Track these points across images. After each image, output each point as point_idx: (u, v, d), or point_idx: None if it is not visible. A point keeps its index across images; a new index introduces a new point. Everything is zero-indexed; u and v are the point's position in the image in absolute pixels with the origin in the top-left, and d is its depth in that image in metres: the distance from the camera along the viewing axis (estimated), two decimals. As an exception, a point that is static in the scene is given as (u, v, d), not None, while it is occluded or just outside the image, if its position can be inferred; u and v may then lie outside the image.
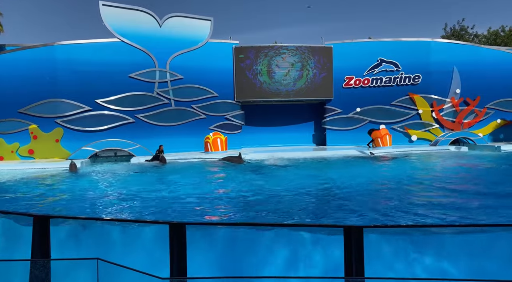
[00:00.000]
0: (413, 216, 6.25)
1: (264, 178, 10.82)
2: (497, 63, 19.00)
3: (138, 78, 16.82)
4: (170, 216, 6.38)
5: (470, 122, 19.44)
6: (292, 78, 18.43)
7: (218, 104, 18.04)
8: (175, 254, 3.03)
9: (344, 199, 7.85)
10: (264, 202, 7.41)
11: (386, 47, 18.82)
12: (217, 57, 17.82)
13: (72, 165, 13.00)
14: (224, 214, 6.50)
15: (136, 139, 16.43)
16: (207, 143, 16.64)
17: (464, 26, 32.32)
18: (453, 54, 18.88)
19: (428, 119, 19.25)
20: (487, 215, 6.31)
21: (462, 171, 12.27)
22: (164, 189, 9.02)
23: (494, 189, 8.65)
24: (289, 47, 18.36)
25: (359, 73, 18.87)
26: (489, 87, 19.06)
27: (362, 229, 3.36)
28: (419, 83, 18.95)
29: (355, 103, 19.01)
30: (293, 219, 6.06)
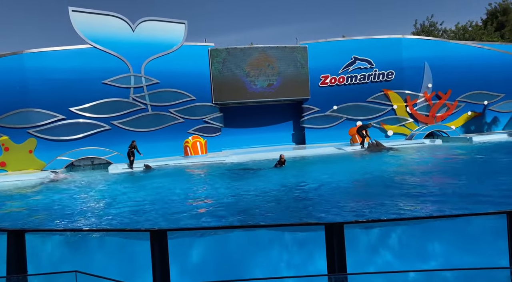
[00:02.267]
0: (395, 209, 6.40)
1: (247, 180, 10.82)
2: (465, 57, 19.67)
3: (113, 85, 16.52)
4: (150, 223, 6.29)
5: (443, 116, 20.04)
6: (269, 79, 18.51)
7: (196, 108, 17.91)
8: (157, 261, 3.00)
9: (327, 194, 7.95)
10: (248, 205, 7.41)
11: (360, 45, 19.16)
12: (193, 60, 17.70)
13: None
14: (207, 219, 6.46)
15: (113, 146, 16.11)
16: (187, 147, 16.50)
17: (434, 22, 33.29)
18: (424, 50, 19.42)
19: (403, 114, 19.72)
20: (468, 204, 6.52)
21: (438, 162, 12.63)
22: (145, 195, 8.89)
23: (472, 178, 8.95)
24: (265, 48, 18.44)
25: (335, 71, 19.15)
26: (459, 81, 19.70)
27: (342, 225, 3.42)
28: (392, 79, 19.39)
29: (331, 102, 19.27)
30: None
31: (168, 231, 3.07)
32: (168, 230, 3.08)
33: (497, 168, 10.46)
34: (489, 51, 20.12)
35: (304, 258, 3.63)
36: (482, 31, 30.97)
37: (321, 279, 3.11)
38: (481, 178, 9.02)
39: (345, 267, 3.21)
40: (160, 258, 3.05)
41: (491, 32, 30.91)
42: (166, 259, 3.01)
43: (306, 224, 4.19)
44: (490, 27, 31.53)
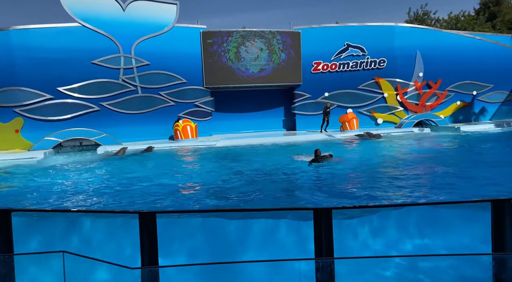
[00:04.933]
0: (382, 196, 6.50)
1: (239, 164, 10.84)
2: (457, 47, 19.74)
3: (102, 65, 16.21)
4: (139, 205, 6.29)
5: (432, 105, 20.22)
6: (261, 64, 18.36)
7: (187, 91, 17.73)
8: (145, 243, 3.00)
9: (320, 180, 8.03)
10: (239, 187, 7.44)
11: (353, 32, 19.06)
12: (184, 42, 17.42)
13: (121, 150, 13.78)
14: (197, 203, 6.49)
15: (102, 128, 15.92)
16: (177, 131, 16.41)
17: (427, 11, 33.22)
18: (416, 39, 19.42)
19: (393, 103, 19.84)
20: (451, 192, 6.65)
21: (426, 151, 12.81)
22: (134, 179, 8.86)
23: (457, 167, 9.11)
24: (258, 32, 18.22)
25: (327, 58, 19.07)
26: (450, 71, 19.82)
27: (330, 210, 3.46)
28: (384, 67, 19.42)
29: (323, 88, 19.25)
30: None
31: (157, 214, 3.07)
32: (157, 212, 3.08)
33: (482, 158, 10.65)
34: (480, 41, 20.22)
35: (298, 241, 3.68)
36: (474, 21, 31.05)
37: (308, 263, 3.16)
38: (466, 166, 9.18)
39: (332, 252, 3.27)
40: (149, 240, 3.05)
41: (483, 22, 31.01)
42: (154, 241, 3.02)
43: (295, 209, 4.23)
44: (482, 17, 31.61)
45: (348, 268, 3.19)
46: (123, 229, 3.46)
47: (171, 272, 3.03)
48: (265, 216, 3.74)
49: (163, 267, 2.81)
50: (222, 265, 2.90)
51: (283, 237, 3.76)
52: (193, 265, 2.95)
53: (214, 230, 3.51)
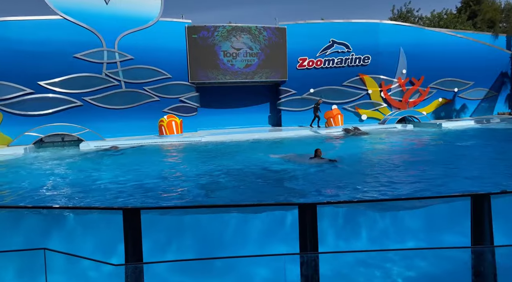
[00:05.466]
0: (366, 191, 6.59)
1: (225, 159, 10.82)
2: (439, 44, 20.09)
3: (84, 59, 15.89)
4: (124, 201, 6.22)
5: (415, 101, 20.57)
6: (247, 59, 18.31)
7: (172, 86, 17.56)
8: (129, 240, 2.98)
9: (299, 177, 8.08)
10: (223, 184, 7.44)
11: (338, 29, 19.18)
12: (169, 37, 17.22)
13: None
14: (182, 199, 6.45)
15: (84, 123, 15.63)
16: (162, 126, 16.25)
17: (411, 8, 33.64)
18: (400, 36, 19.68)
19: (377, 99, 20.08)
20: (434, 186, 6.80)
21: (409, 146, 13.04)
22: (119, 175, 8.75)
23: (438, 162, 9.31)
24: (244, 27, 18.15)
25: (312, 54, 19.15)
26: (432, 68, 20.17)
27: (315, 205, 3.49)
28: (368, 64, 19.62)
29: (308, 84, 19.33)
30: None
31: (142, 210, 3.04)
32: (142, 208, 3.05)
33: (463, 153, 10.91)
34: (461, 39, 20.63)
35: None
36: (456, 19, 31.61)
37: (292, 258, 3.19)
38: (447, 162, 9.39)
39: (317, 247, 3.30)
40: (133, 237, 3.03)
41: (464, 20, 31.60)
42: (139, 238, 2.99)
43: (280, 204, 4.25)
44: (464, 16, 32.21)
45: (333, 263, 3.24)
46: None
47: (156, 269, 3.01)
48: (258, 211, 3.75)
49: (147, 263, 2.79)
50: (208, 261, 2.90)
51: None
52: (177, 261, 2.94)
53: (200, 226, 3.50)
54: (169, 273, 3.20)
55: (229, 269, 3.33)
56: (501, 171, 8.00)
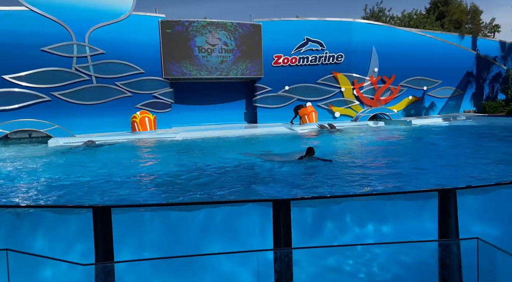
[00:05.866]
0: (337, 187, 6.71)
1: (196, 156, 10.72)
2: (409, 44, 20.67)
3: (53, 53, 15.32)
4: (95, 199, 6.06)
5: (386, 99, 21.10)
6: (222, 55, 18.19)
7: (145, 82, 17.22)
8: (100, 239, 2.90)
9: (275, 172, 8.13)
10: (194, 180, 7.37)
11: (312, 26, 19.37)
12: (142, 32, 16.86)
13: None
14: (155, 196, 6.35)
15: (54, 119, 15.08)
16: (134, 123, 15.92)
17: (382, 8, 34.43)
18: (372, 35, 20.10)
19: (349, 97, 20.46)
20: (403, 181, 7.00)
21: (380, 143, 13.36)
22: (89, 172, 8.50)
23: (408, 158, 9.59)
24: (219, 23, 18.00)
25: (287, 51, 19.26)
26: (402, 67, 20.72)
27: (289, 201, 3.52)
28: (342, 62, 19.93)
29: (284, 81, 19.45)
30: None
31: (112, 208, 2.97)
32: (112, 206, 2.98)
33: (431, 150, 11.30)
34: (430, 39, 21.30)
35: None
36: (425, 19, 32.61)
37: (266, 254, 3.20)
38: (416, 158, 9.70)
39: (290, 242, 3.33)
40: (103, 235, 2.95)
41: (433, 21, 32.65)
42: (110, 236, 2.92)
43: (254, 201, 4.26)
44: (432, 16, 33.29)
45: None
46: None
47: (127, 268, 2.95)
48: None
49: (117, 262, 2.73)
50: (180, 258, 2.87)
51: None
52: (149, 260, 2.89)
53: (172, 223, 3.45)
54: (142, 272, 3.15)
55: (204, 266, 3.31)
56: (467, 167, 8.33)
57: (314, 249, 3.50)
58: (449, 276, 3.11)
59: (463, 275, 3.13)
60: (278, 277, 2.87)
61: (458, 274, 3.08)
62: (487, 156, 9.62)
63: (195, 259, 3.18)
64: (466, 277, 3.08)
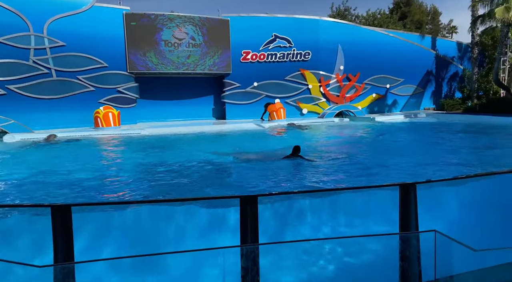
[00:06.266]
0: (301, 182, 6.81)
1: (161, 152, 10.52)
2: (373, 42, 21.25)
3: (8, 44, 14.48)
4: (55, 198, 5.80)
5: (351, 96, 21.63)
6: (190, 50, 17.91)
7: (109, 76, 16.66)
8: (59, 239, 2.78)
9: (246, 168, 8.12)
10: (160, 177, 7.23)
11: (280, 23, 19.48)
12: (105, 24, 16.27)
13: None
14: (117, 192, 6.17)
15: (9, 114, 14.25)
16: (97, 118, 15.39)
17: (348, 7, 35.18)
18: (338, 33, 20.49)
19: (316, 94, 20.79)
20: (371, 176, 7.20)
21: (344, 139, 13.70)
22: (48, 169, 8.13)
23: (371, 154, 9.89)
24: (186, 17, 17.69)
25: (256, 48, 19.26)
26: (367, 65, 21.30)
27: (256, 197, 3.53)
28: (309, 59, 20.20)
29: (252, 78, 19.44)
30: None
31: (73, 207, 2.85)
32: (73, 205, 2.86)
33: (393, 145, 11.72)
34: (393, 38, 22.01)
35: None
36: (388, 19, 33.66)
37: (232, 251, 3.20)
38: (378, 153, 10.02)
39: (257, 238, 3.34)
40: (63, 235, 2.83)
41: (396, 20, 33.77)
42: (70, 236, 2.80)
43: (221, 197, 4.24)
44: (395, 16, 34.42)
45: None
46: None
47: (90, 268, 2.85)
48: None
49: (77, 263, 2.63)
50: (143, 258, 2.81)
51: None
52: (110, 260, 2.80)
53: (136, 221, 3.37)
54: (105, 272, 3.06)
55: (170, 264, 3.26)
56: (426, 161, 8.70)
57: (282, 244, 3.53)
58: (409, 268, 3.24)
59: (421, 265, 3.27)
60: (244, 273, 2.87)
61: (417, 265, 3.22)
62: (444, 150, 10.12)
63: (159, 257, 3.13)
64: (425, 267, 3.22)
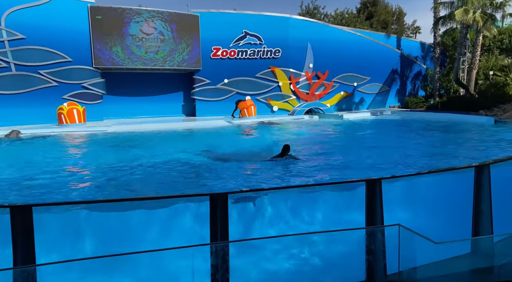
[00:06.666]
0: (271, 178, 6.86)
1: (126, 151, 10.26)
2: (341, 41, 21.63)
3: (-39, 35, 13.63)
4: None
5: (320, 94, 21.98)
6: (158, 45, 17.54)
7: (73, 71, 16.03)
8: (19, 240, 2.65)
9: (216, 165, 8.08)
10: (125, 176, 7.06)
11: (250, 20, 19.44)
12: (69, 17, 15.62)
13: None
14: (82, 194, 5.97)
15: (-37, 110, 13.48)
16: (61, 114, 14.79)
17: (317, 5, 35.66)
18: (308, 31, 20.71)
19: (287, 91, 20.96)
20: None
21: (315, 135, 13.93)
22: (8, 167, 7.74)
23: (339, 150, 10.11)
24: (154, 11, 17.29)
25: (226, 44, 19.13)
26: (335, 63, 21.65)
27: (226, 195, 3.52)
28: (279, 57, 20.31)
29: (223, 75, 19.31)
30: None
31: (34, 207, 2.73)
32: (34, 205, 2.74)
33: (360, 141, 12.04)
34: (360, 37, 22.52)
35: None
36: (356, 19, 34.41)
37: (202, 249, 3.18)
38: (345, 150, 10.26)
39: (227, 236, 3.34)
40: (24, 236, 2.71)
41: (363, 20, 34.58)
42: (31, 237, 2.68)
43: (192, 195, 4.20)
44: (362, 16, 35.25)
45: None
46: None
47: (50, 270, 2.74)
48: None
49: (38, 265, 2.52)
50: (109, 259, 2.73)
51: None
52: (73, 261, 2.71)
53: (102, 222, 3.28)
54: (69, 274, 2.96)
55: (140, 263, 3.20)
56: (391, 157, 9.00)
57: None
58: (374, 261, 3.35)
59: (386, 258, 3.39)
60: (214, 271, 2.86)
61: (382, 258, 3.33)
62: (407, 147, 10.51)
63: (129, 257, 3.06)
64: (390, 260, 3.34)
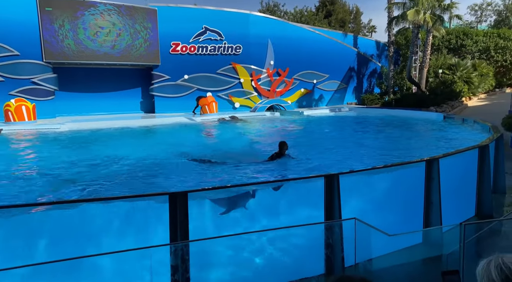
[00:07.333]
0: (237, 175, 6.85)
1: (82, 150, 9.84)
2: (301, 39, 21.99)
3: None
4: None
5: (281, 91, 22.23)
6: (114, 39, 16.89)
7: (21, 65, 15.08)
8: None
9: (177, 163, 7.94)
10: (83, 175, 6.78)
11: (210, 16, 19.22)
12: (15, 8, 14.65)
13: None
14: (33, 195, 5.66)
15: None
16: (8, 112, 13.88)
17: (277, 3, 35.99)
18: (268, 28, 20.85)
19: (248, 88, 21.00)
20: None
21: (275, 132, 14.08)
22: None
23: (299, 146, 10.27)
24: (109, 4, 16.62)
25: (185, 39, 18.81)
26: (295, 60, 21.99)
27: (186, 194, 3.47)
28: (240, 53, 20.28)
29: (183, 70, 18.97)
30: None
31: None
32: None
33: (319, 137, 12.33)
34: (319, 35, 23.01)
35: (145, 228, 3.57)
36: (315, 17, 35.12)
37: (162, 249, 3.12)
38: (305, 146, 10.47)
39: (187, 235, 3.30)
40: None
41: (321, 18, 35.36)
42: None
43: (150, 195, 4.10)
44: (321, 14, 36.04)
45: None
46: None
47: None
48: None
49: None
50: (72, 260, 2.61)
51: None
52: (26, 266, 2.57)
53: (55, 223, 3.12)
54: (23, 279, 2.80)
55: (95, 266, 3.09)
56: (348, 153, 9.30)
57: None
58: (332, 254, 3.45)
59: (344, 251, 3.50)
60: (173, 271, 2.82)
61: (340, 251, 3.43)
62: (364, 142, 10.90)
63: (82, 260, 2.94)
64: (347, 253, 3.45)
